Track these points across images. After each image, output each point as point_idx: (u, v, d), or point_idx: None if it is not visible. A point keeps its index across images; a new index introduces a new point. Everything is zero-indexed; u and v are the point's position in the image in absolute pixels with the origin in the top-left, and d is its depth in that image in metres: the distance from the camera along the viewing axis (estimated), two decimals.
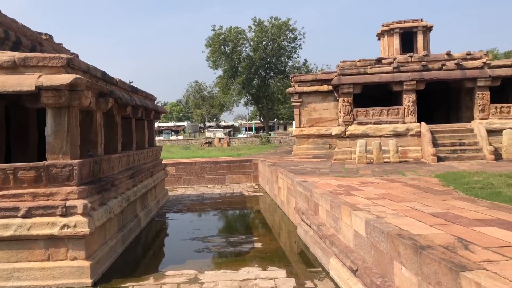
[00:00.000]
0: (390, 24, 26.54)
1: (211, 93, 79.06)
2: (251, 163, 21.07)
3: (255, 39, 49.70)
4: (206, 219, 14.00)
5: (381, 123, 17.80)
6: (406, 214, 6.63)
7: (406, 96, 17.81)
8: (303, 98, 23.05)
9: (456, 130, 17.13)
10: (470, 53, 20.01)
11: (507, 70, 17.31)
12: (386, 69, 18.40)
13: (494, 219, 6.00)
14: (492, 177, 9.81)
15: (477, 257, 4.31)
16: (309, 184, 10.42)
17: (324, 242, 8.11)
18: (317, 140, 22.68)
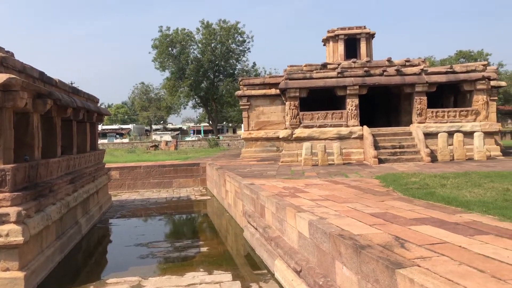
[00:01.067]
0: (335, 31, 27.38)
1: (158, 95, 77.41)
2: (199, 166, 20.86)
3: (204, 42, 49.40)
4: (151, 224, 13.66)
5: (326, 126, 18.29)
6: (348, 214, 6.83)
7: (349, 100, 18.43)
8: (252, 101, 23.20)
9: (396, 133, 17.96)
10: (409, 60, 21.07)
11: (442, 77, 18.40)
12: (331, 74, 18.94)
13: (428, 218, 6.33)
14: (428, 178, 10.37)
15: (412, 255, 4.51)
16: (256, 187, 10.48)
17: (270, 244, 8.17)
18: (265, 143, 22.90)
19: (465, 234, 5.25)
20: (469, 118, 17.99)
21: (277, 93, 22.06)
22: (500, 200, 7.16)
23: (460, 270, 3.93)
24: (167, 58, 49.56)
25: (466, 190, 8.38)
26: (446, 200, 7.48)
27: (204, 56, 48.89)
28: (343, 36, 27.01)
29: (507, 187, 8.44)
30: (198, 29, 50.11)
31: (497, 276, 3.70)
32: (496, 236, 5.07)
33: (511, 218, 5.91)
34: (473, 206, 6.83)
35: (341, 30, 27.24)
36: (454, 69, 18.64)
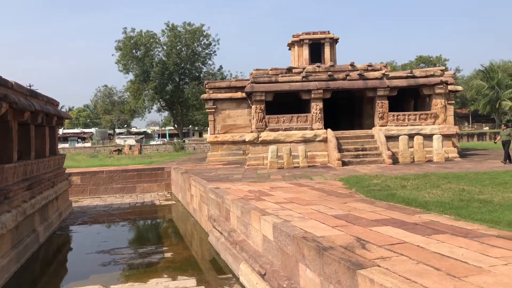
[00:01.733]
0: (300, 35, 27.72)
1: (121, 98, 75.76)
2: (164, 171, 20.55)
3: (169, 44, 48.82)
4: (114, 231, 13.33)
5: (292, 130, 18.46)
6: (311, 217, 6.90)
7: (314, 104, 18.68)
8: (218, 105, 23.11)
9: (359, 136, 18.35)
10: (371, 65, 21.62)
11: (402, 81, 18.96)
12: (296, 78, 19.14)
13: (389, 218, 6.48)
14: (389, 180, 10.64)
15: (372, 255, 4.60)
16: (221, 191, 10.42)
17: (235, 248, 8.14)
18: (231, 147, 22.85)
19: (423, 234, 5.41)
20: (429, 121, 18.62)
21: (243, 96, 22.08)
22: (456, 200, 7.44)
23: (417, 269, 4.04)
24: (131, 60, 48.66)
25: (425, 191, 8.66)
26: (406, 201, 7.69)
27: (169, 59, 48.33)
28: (308, 40, 27.41)
29: (463, 187, 8.78)
30: (163, 32, 49.53)
31: (452, 274, 3.83)
32: (451, 235, 5.25)
33: (465, 218, 6.15)
34: (431, 206, 7.05)
35: (306, 35, 27.63)
36: (414, 73, 19.25)
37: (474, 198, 7.60)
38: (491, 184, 9.33)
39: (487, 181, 9.77)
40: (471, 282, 3.61)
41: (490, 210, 6.53)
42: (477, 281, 3.61)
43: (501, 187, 8.81)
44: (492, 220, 5.85)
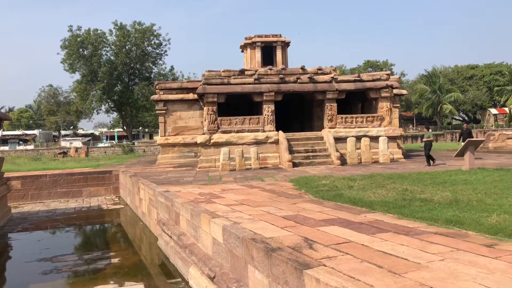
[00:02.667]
0: (252, 38, 27.87)
1: (67, 98, 72.53)
2: (111, 174, 19.87)
3: (117, 43, 47.45)
4: (58, 237, 12.71)
5: (244, 132, 18.49)
6: (261, 218, 6.92)
7: (266, 106, 18.83)
8: (168, 106, 22.70)
9: (309, 138, 18.70)
10: (321, 68, 22.13)
11: (350, 85, 19.55)
12: (248, 80, 19.21)
13: (336, 218, 6.63)
14: (337, 181, 10.91)
15: (319, 255, 4.67)
16: (171, 194, 10.22)
17: (184, 252, 8.00)
18: (183, 149, 22.52)
19: (368, 232, 5.58)
20: (375, 123, 19.32)
21: (195, 98, 21.84)
22: (400, 200, 7.74)
23: (361, 267, 4.14)
24: (78, 59, 46.82)
25: (371, 191, 8.95)
26: (353, 201, 7.91)
27: (118, 59, 46.96)
28: (260, 43, 27.60)
29: (406, 187, 9.16)
30: (111, 31, 48.07)
31: (393, 271, 3.97)
32: (394, 233, 5.45)
33: (407, 216, 6.41)
34: (376, 206, 7.29)
35: (258, 38, 27.82)
36: (361, 77, 19.91)
37: (416, 197, 7.95)
38: (431, 183, 9.81)
39: (428, 181, 10.26)
40: (410, 277, 3.75)
41: (430, 208, 6.84)
42: (416, 277, 3.76)
43: (441, 186, 9.28)
44: (432, 218, 6.13)
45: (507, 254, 4.34)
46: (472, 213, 6.26)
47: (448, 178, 10.69)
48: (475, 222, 5.69)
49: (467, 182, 9.81)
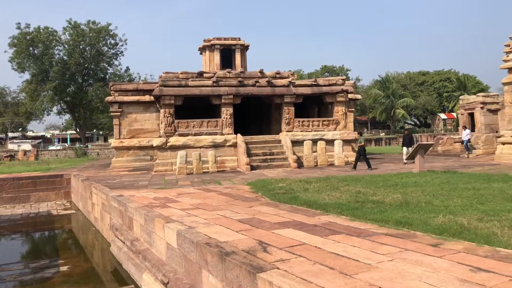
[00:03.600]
0: (211, 40, 27.74)
1: (16, 99, 69.05)
2: (62, 178, 19.06)
3: (71, 43, 45.75)
4: (2, 245, 12.05)
5: (202, 135, 18.33)
6: (216, 222, 6.86)
7: (224, 109, 18.76)
8: (124, 108, 22.14)
9: (267, 141, 18.81)
10: (280, 72, 22.35)
11: (308, 89, 19.87)
12: (207, 83, 19.07)
13: (291, 221, 6.68)
14: (294, 183, 11.02)
15: (273, 258, 4.68)
16: (125, 199, 9.95)
17: (138, 258, 7.80)
18: (138, 152, 22.02)
19: (321, 235, 5.65)
20: (331, 127, 19.73)
21: (151, 100, 21.42)
22: (353, 202, 7.92)
23: (314, 269, 4.19)
24: (27, 58, 44.71)
25: (325, 193, 9.10)
26: (308, 203, 8.01)
27: (71, 58, 45.26)
28: (219, 46, 27.52)
29: (359, 189, 9.39)
30: (64, 29, 46.30)
31: (344, 272, 4.03)
32: (346, 235, 5.56)
33: (360, 218, 6.56)
34: (330, 208, 7.42)
35: (217, 40, 27.73)
36: (318, 82, 20.30)
37: (368, 199, 8.16)
38: (384, 186, 10.11)
39: (381, 183, 10.57)
40: (360, 278, 3.83)
41: (381, 210, 7.04)
42: (366, 277, 3.84)
43: (392, 188, 9.58)
44: (383, 219, 6.31)
45: (451, 253, 4.53)
46: (421, 214, 6.49)
47: (400, 180, 11.06)
48: (422, 223, 5.90)
49: (417, 184, 10.19)
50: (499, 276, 3.75)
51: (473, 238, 5.09)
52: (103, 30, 46.74)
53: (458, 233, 5.33)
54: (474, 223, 5.75)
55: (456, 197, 8.04)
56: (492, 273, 3.85)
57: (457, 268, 4.04)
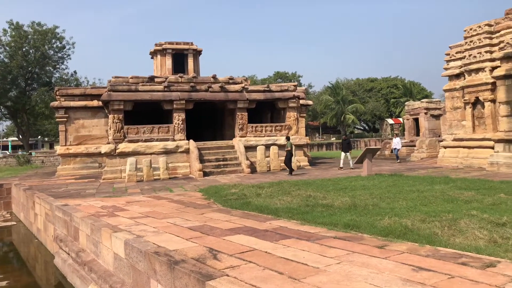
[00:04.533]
0: (163, 44, 27.33)
1: None
2: (2, 188, 17.92)
3: (12, 45, 43.35)
4: None
5: (152, 141, 17.93)
6: (166, 230, 6.71)
7: (176, 114, 18.48)
8: (70, 114, 21.26)
9: (220, 147, 18.72)
10: (233, 78, 22.35)
11: (260, 95, 20.01)
12: (158, 88, 18.72)
13: (242, 227, 6.65)
14: (246, 189, 11.01)
15: (223, 265, 4.63)
16: (70, 208, 9.51)
17: (83, 269, 7.46)
18: (86, 159, 21.18)
19: (272, 240, 5.67)
20: (283, 132, 19.96)
21: (100, 105, 20.71)
22: (303, 206, 8.03)
23: (263, 274, 4.18)
24: None
25: (277, 198, 9.16)
26: (259, 209, 8.02)
27: (12, 61, 42.87)
28: (171, 50, 27.19)
29: (310, 193, 9.54)
30: (5, 30, 43.80)
31: (293, 276, 4.06)
32: (296, 239, 5.60)
33: (310, 222, 6.65)
34: (281, 213, 7.47)
35: (169, 45, 27.38)
36: (270, 88, 20.49)
37: (318, 203, 8.30)
38: (333, 189, 10.33)
39: (331, 187, 10.80)
40: (309, 282, 3.86)
41: (330, 213, 7.18)
42: (314, 281, 3.88)
43: (341, 192, 9.81)
44: (332, 222, 6.43)
45: (395, 254, 4.68)
46: (368, 217, 6.68)
47: (349, 184, 11.36)
48: (369, 225, 6.07)
49: (365, 187, 10.51)
50: (438, 275, 3.92)
51: (416, 238, 5.30)
52: (49, 32, 44.71)
53: (403, 234, 5.53)
54: (417, 224, 5.99)
55: (401, 199, 8.36)
56: (432, 271, 4.02)
57: (401, 268, 4.18)
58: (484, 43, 15.98)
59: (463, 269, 4.07)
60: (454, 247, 4.87)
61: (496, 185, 9.98)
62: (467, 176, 12.61)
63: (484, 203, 7.62)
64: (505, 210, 6.78)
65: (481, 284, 3.64)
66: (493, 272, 3.95)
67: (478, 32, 16.25)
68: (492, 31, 15.98)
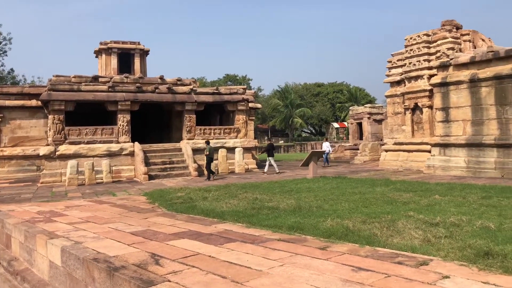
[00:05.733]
0: (108, 43, 26.48)
1: None
2: None
3: None
4: None
5: (95, 143, 17.28)
6: (107, 236, 6.46)
7: (121, 116, 17.94)
8: (5, 114, 20.04)
9: (167, 150, 18.38)
10: (181, 79, 22.02)
11: (209, 97, 19.91)
12: (102, 88, 18.09)
13: (186, 231, 6.54)
14: (193, 192, 10.87)
15: (165, 270, 4.51)
16: (2, 214, 8.92)
17: (16, 279, 7.01)
18: (22, 162, 20.01)
19: (216, 243, 5.61)
20: (232, 135, 19.98)
21: (39, 105, 19.69)
22: (250, 209, 8.04)
23: (206, 279, 4.12)
24: None
25: (224, 201, 9.12)
26: (205, 212, 7.94)
27: None
28: (117, 49, 26.46)
29: (256, 196, 9.58)
30: None
31: (236, 280, 4.03)
32: (241, 243, 5.59)
33: (255, 225, 6.67)
34: (227, 216, 7.44)
35: (115, 44, 26.61)
36: (220, 91, 20.46)
37: (264, 205, 8.35)
38: (280, 192, 10.46)
39: (277, 189, 10.92)
40: (251, 285, 3.85)
41: (276, 216, 7.24)
42: (256, 284, 3.88)
43: (287, 194, 9.94)
44: (276, 225, 6.48)
45: (336, 255, 4.80)
46: (312, 219, 6.80)
47: (295, 186, 11.54)
48: (313, 227, 6.18)
49: (310, 189, 10.72)
50: (376, 274, 4.06)
51: (357, 239, 5.46)
52: None
53: (344, 236, 5.67)
54: (358, 226, 6.18)
55: (344, 201, 8.60)
56: (370, 271, 4.15)
57: (341, 269, 4.28)
58: (422, 52, 16.90)
59: (399, 268, 4.23)
60: (391, 247, 5.06)
61: (432, 187, 10.56)
62: (406, 178, 13.24)
63: (420, 204, 8.02)
64: (439, 211, 7.17)
65: (414, 282, 3.81)
66: (426, 270, 4.14)
67: (417, 41, 17.16)
68: (430, 41, 16.94)
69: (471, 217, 6.46)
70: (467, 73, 14.44)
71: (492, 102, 13.72)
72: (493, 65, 13.92)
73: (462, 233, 5.55)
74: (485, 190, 9.59)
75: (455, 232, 5.60)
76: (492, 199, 8.31)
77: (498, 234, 5.41)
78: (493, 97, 13.67)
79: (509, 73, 13.21)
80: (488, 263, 4.20)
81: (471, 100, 14.25)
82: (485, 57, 14.12)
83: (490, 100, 13.77)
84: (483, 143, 13.81)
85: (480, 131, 14.01)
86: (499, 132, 13.50)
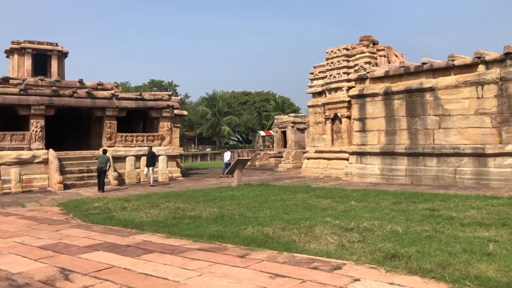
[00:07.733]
0: (22, 42, 24.66)
1: None
2: None
3: None
4: None
5: (3, 150, 15.86)
6: (12, 251, 5.93)
7: (34, 121, 16.68)
8: None
9: (85, 157, 17.41)
10: (102, 84, 21.12)
11: (132, 103, 19.20)
12: (13, 91, 16.69)
13: (102, 243, 6.22)
14: (111, 202, 10.38)
15: (74, 286, 4.25)
16: None
17: None
18: None
19: (133, 255, 5.40)
20: (156, 142, 19.43)
21: None
22: (170, 218, 7.85)
23: None
24: None
25: (144, 211, 8.81)
26: (123, 223, 7.62)
27: None
28: (31, 50, 24.75)
29: (179, 205, 9.40)
30: None
31: None
32: (160, 253, 5.43)
33: (175, 234, 6.52)
34: (147, 226, 7.20)
35: (29, 44, 24.86)
36: (143, 96, 19.83)
37: (186, 215, 8.20)
38: (203, 200, 10.35)
39: (201, 198, 10.81)
40: None
41: (197, 225, 7.14)
42: None
43: (211, 203, 9.87)
44: (197, 234, 6.40)
45: (255, 262, 4.83)
46: (233, 227, 6.81)
47: (219, 194, 11.50)
48: (234, 235, 6.18)
49: (234, 197, 10.74)
50: (292, 280, 4.15)
51: (276, 246, 5.55)
52: None
53: (264, 243, 5.74)
54: (278, 232, 6.29)
55: (266, 208, 8.73)
56: (287, 277, 4.23)
57: (259, 276, 4.32)
58: (342, 65, 17.81)
59: (314, 273, 4.37)
60: (308, 253, 5.21)
61: (349, 193, 11.10)
62: (326, 185, 13.79)
63: (337, 210, 8.38)
64: (354, 216, 7.54)
65: (327, 286, 3.95)
66: (339, 274, 4.31)
67: (337, 55, 18.05)
68: (349, 55, 17.91)
69: (382, 222, 6.87)
70: (382, 86, 15.47)
71: (403, 114, 14.81)
72: (404, 79, 15.06)
73: (373, 237, 5.87)
74: (396, 196, 10.27)
75: (367, 236, 5.92)
76: (401, 204, 8.92)
77: (404, 237, 5.80)
78: (405, 109, 14.78)
79: (418, 87, 14.36)
80: (395, 265, 4.49)
81: (385, 112, 15.27)
82: (397, 71, 15.24)
83: (402, 111, 14.86)
84: (395, 152, 14.83)
85: (393, 140, 15.05)
86: (409, 141, 14.60)
